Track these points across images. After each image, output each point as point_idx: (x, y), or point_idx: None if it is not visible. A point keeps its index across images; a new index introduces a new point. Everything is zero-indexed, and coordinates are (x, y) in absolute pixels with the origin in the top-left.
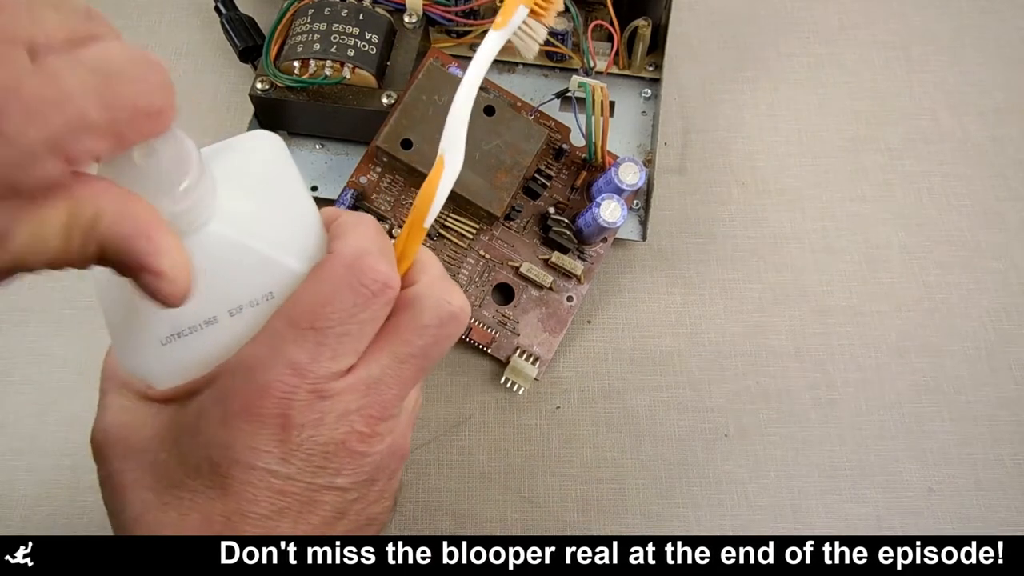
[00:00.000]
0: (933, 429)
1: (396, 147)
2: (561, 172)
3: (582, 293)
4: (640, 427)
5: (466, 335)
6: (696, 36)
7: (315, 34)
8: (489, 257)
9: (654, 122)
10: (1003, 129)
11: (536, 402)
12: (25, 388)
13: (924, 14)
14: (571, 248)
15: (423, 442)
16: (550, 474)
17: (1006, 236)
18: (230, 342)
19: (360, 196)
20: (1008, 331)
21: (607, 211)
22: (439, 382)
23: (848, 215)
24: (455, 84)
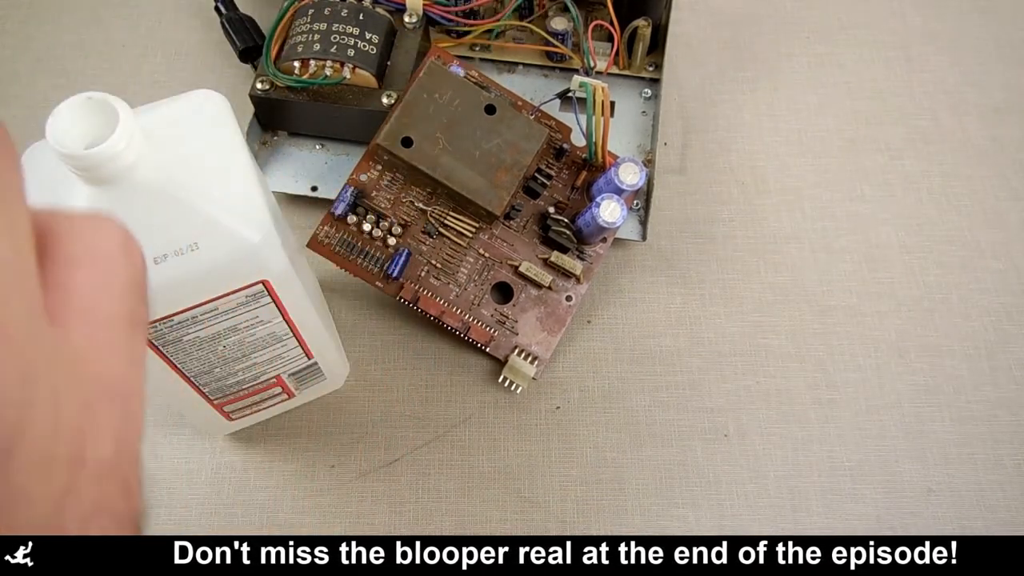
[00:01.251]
0: (933, 429)
1: (396, 145)
2: (561, 172)
3: (581, 293)
4: (640, 427)
5: (465, 333)
6: (696, 36)
7: (315, 34)
8: (488, 256)
9: (654, 122)
10: (1003, 129)
11: (536, 402)
12: None
13: (924, 14)
14: (570, 248)
15: (423, 442)
16: (550, 474)
17: (1006, 236)
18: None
19: (360, 194)
20: (1008, 331)
21: (607, 211)
22: (439, 382)
23: (848, 215)
24: (456, 83)
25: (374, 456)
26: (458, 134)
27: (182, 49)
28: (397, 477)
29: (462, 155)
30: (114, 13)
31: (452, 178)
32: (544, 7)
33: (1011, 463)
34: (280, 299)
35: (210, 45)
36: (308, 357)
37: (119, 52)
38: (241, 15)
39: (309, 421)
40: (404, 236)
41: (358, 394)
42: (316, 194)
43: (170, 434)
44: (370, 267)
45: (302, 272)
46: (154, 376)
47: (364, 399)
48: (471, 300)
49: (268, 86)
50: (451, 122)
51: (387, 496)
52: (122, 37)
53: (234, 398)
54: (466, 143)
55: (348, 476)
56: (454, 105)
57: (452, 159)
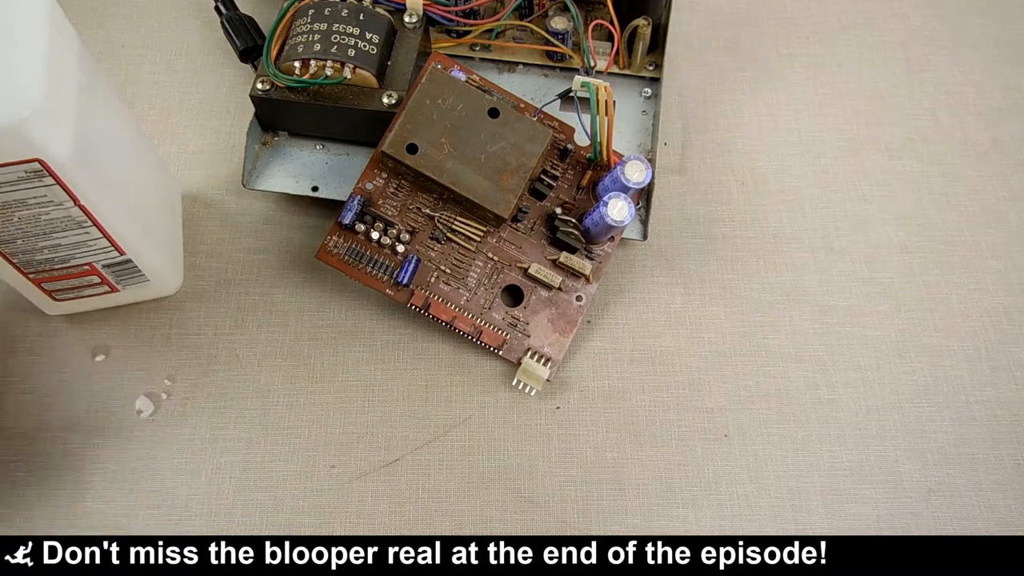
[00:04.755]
0: (933, 429)
1: (402, 152)
2: (567, 172)
3: (591, 292)
4: (640, 427)
5: (477, 338)
6: (696, 36)
7: (315, 34)
8: (497, 259)
9: (654, 122)
10: (1003, 129)
11: (536, 402)
12: (26, 389)
13: (924, 14)
14: (579, 248)
15: (423, 442)
16: (550, 474)
17: (1006, 236)
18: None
19: (367, 202)
20: (1008, 331)
21: (615, 210)
22: (439, 382)
23: (848, 215)
24: (459, 87)
25: (374, 456)
26: (463, 139)
27: (182, 49)
28: (397, 477)
29: (467, 160)
30: (114, 13)
31: (459, 183)
32: (544, 7)
33: (1011, 463)
34: (66, 183)
35: (210, 45)
36: (120, 253)
37: (119, 52)
38: (241, 15)
39: (309, 421)
40: (412, 243)
41: (357, 394)
42: (317, 194)
43: (170, 434)
44: (380, 275)
45: (126, 167)
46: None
47: (364, 399)
48: (482, 304)
49: (268, 86)
50: (455, 127)
51: (387, 496)
52: (122, 37)
53: (48, 276)
54: (471, 147)
55: (348, 476)
56: (457, 110)
57: (458, 164)
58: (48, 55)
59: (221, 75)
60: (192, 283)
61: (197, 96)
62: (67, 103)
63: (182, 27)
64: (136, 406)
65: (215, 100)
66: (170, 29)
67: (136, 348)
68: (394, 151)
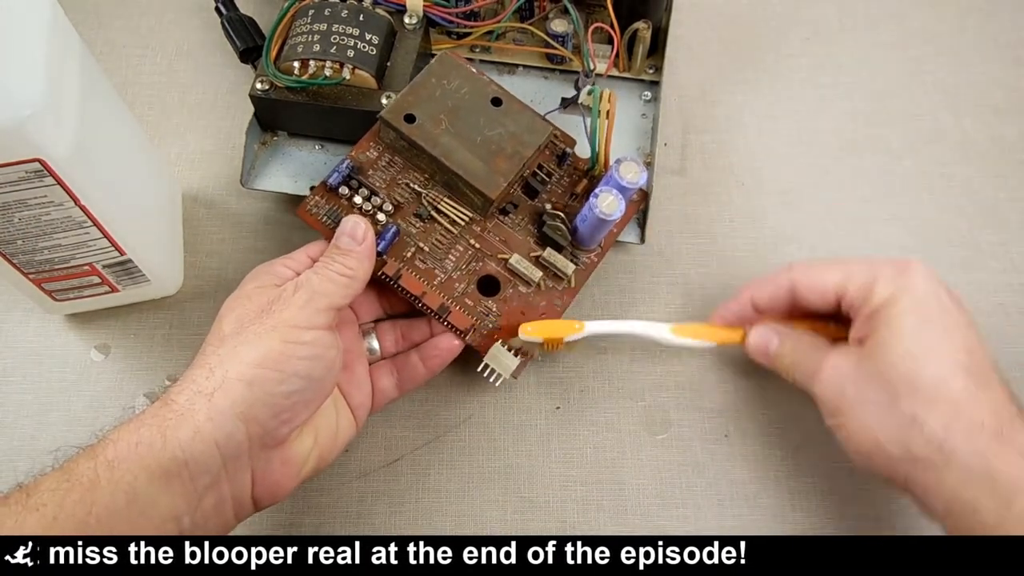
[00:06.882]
0: None
1: (399, 120)
2: (563, 178)
3: (568, 304)
4: (640, 427)
5: (444, 317)
6: (696, 38)
7: (315, 35)
8: (479, 247)
9: (654, 124)
10: (1003, 129)
11: (536, 402)
12: (25, 388)
13: (924, 14)
14: (565, 246)
15: (423, 442)
16: (550, 474)
17: (1006, 236)
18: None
19: (357, 169)
20: (1008, 331)
21: (605, 203)
22: (439, 382)
23: (848, 215)
24: (466, 74)
25: (374, 456)
26: (462, 119)
27: (182, 49)
28: (397, 477)
29: (463, 138)
30: (114, 13)
31: (450, 157)
32: (544, 9)
33: None
34: (67, 184)
35: (210, 45)
36: (120, 253)
37: (119, 52)
38: (241, 15)
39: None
40: (395, 215)
41: None
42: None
43: None
44: None
45: (126, 167)
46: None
47: None
48: (455, 288)
49: (268, 86)
50: (456, 107)
51: (387, 496)
52: (122, 37)
53: (48, 277)
54: (469, 128)
55: (348, 476)
56: (461, 93)
57: (453, 140)
58: (48, 55)
59: (221, 75)
60: (192, 283)
61: (197, 96)
62: (67, 103)
63: (182, 27)
64: (136, 406)
65: (215, 100)
66: (170, 29)
67: (136, 348)
68: (391, 117)
